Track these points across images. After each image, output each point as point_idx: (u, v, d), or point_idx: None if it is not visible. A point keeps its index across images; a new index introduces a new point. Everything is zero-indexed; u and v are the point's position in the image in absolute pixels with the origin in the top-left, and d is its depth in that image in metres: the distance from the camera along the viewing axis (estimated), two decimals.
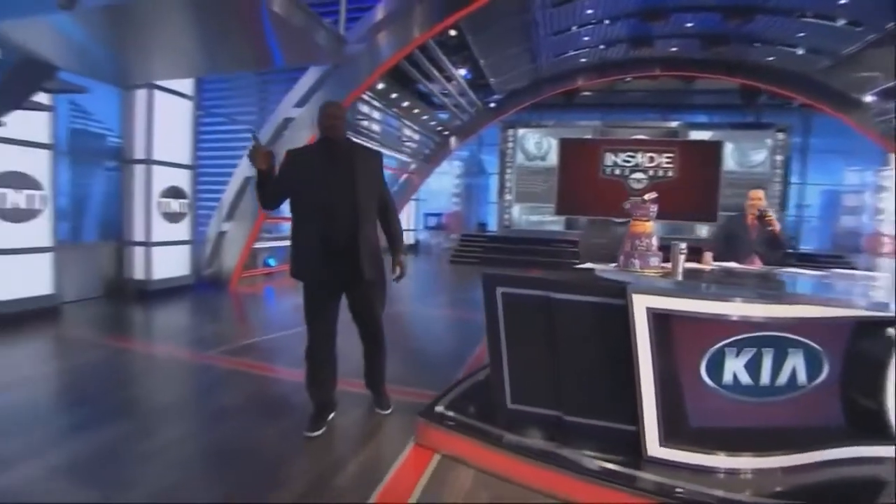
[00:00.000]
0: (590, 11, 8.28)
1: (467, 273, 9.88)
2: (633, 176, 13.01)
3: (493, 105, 12.77)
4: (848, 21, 7.87)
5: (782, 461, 2.12)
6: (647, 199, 2.43)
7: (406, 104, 10.45)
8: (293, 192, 2.47)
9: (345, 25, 3.87)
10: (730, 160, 12.56)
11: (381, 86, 8.96)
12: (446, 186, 16.41)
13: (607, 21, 8.68)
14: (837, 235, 12.22)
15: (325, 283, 2.47)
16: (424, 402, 2.64)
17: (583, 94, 12.87)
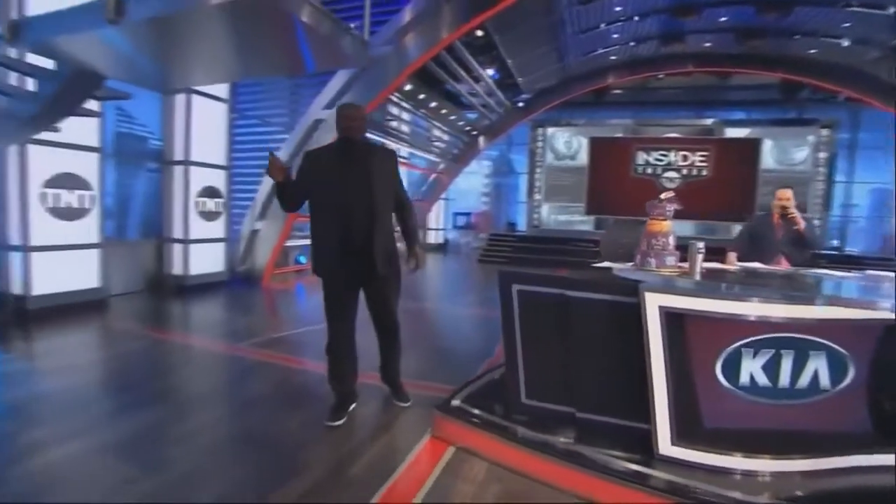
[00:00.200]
0: (618, 8, 8.15)
1: (495, 272, 9.87)
2: (666, 175, 12.68)
3: (521, 104, 12.72)
4: None
5: (802, 465, 2.09)
6: (663, 198, 2.42)
7: (434, 104, 10.53)
8: (311, 191, 2.58)
9: (369, 29, 3.98)
10: (769, 158, 12.07)
11: (408, 87, 9.08)
12: (476, 186, 16.47)
13: (636, 17, 8.51)
14: (888, 236, 11.56)
15: (343, 278, 2.57)
16: (443, 397, 2.71)
17: (613, 91, 12.66)
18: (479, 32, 8.10)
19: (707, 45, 9.97)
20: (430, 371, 3.50)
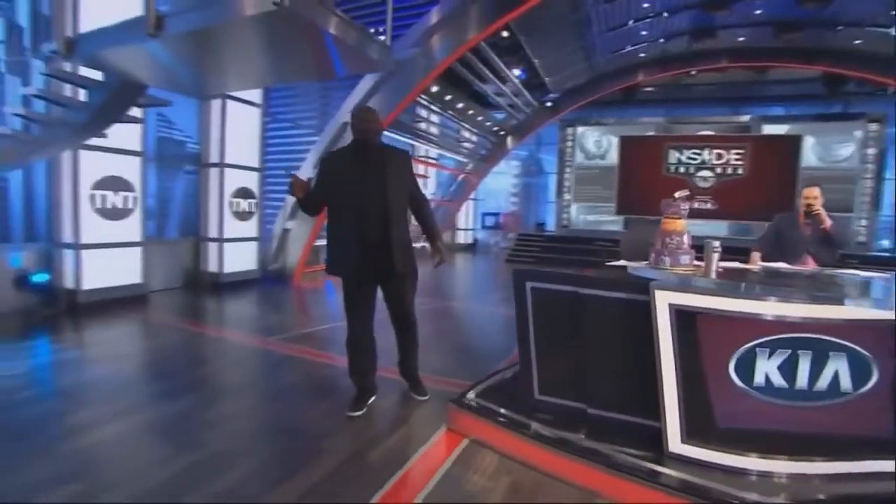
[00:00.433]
0: (646, 5, 8.00)
1: None
2: (700, 174, 12.35)
3: (549, 104, 12.64)
4: None
5: (822, 468, 2.06)
6: (677, 196, 2.42)
7: (461, 105, 10.60)
8: (329, 193, 2.69)
9: (394, 32, 4.09)
10: (810, 155, 11.56)
11: (435, 88, 9.18)
12: (504, 186, 16.46)
13: (666, 13, 8.33)
14: None
15: (361, 276, 2.68)
16: (460, 391, 2.79)
17: (644, 89, 12.39)
18: (505, 33, 8.12)
19: (741, 39, 9.64)
20: (451, 368, 3.58)
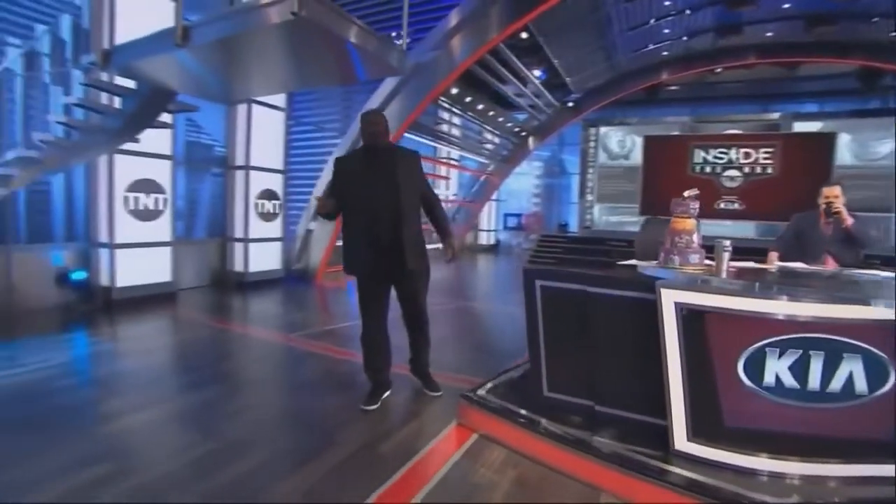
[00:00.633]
0: (668, 3, 7.86)
1: None
2: (727, 174, 12.02)
3: (571, 104, 12.54)
4: None
5: (837, 470, 2.04)
6: (687, 195, 2.42)
7: (482, 107, 10.63)
8: (342, 196, 2.77)
9: (414, 35, 4.15)
10: (845, 153, 11.11)
11: (455, 90, 9.25)
12: (526, 187, 16.41)
13: (688, 11, 8.17)
14: None
15: (374, 275, 2.77)
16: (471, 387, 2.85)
17: (668, 88, 12.15)
18: (524, 34, 8.12)
19: (769, 34, 9.34)
20: (466, 366, 3.64)
